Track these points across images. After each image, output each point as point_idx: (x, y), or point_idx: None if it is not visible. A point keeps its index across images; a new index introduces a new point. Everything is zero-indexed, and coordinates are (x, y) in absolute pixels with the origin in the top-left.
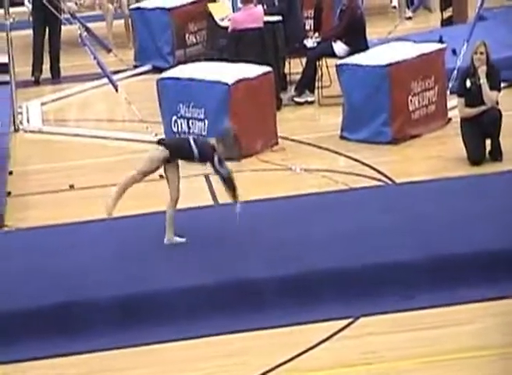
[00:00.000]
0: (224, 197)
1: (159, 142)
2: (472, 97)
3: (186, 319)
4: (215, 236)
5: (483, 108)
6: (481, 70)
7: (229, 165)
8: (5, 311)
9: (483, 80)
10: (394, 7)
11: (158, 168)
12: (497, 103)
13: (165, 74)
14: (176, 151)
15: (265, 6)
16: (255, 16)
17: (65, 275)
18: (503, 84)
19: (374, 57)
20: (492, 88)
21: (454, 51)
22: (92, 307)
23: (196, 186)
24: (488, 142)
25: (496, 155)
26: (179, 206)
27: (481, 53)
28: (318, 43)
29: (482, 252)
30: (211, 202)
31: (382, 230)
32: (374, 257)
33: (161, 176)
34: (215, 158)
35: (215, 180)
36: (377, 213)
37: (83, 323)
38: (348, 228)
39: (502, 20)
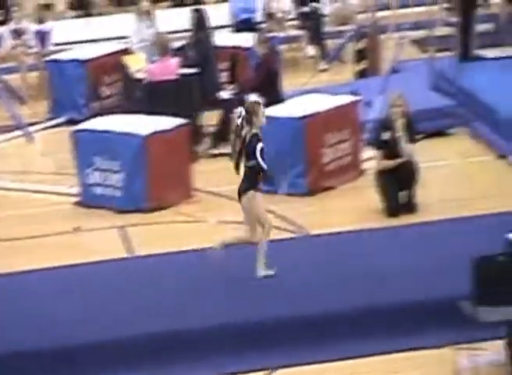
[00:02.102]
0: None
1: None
2: (389, 149)
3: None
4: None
5: (400, 160)
6: (399, 123)
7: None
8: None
9: (401, 133)
10: (311, 57)
11: None
12: (413, 155)
13: (79, 126)
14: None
15: (181, 58)
16: (171, 68)
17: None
18: (417, 136)
19: (289, 109)
20: (408, 141)
21: (369, 104)
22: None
23: (108, 237)
24: (402, 193)
25: (411, 206)
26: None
27: (399, 106)
28: (234, 95)
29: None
30: (124, 254)
31: (298, 283)
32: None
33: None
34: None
35: (131, 231)
36: (293, 265)
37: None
38: (265, 280)
39: (415, 73)
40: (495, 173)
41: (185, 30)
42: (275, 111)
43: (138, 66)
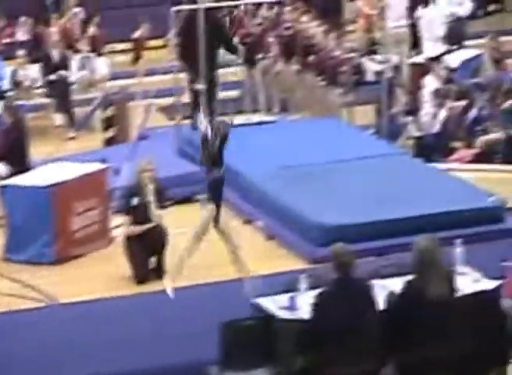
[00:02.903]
0: None
1: None
2: (138, 215)
3: None
4: None
5: (148, 226)
6: (149, 189)
7: None
8: None
9: (150, 198)
10: (58, 125)
11: None
12: (162, 221)
13: None
14: None
15: None
16: None
17: None
18: (166, 202)
19: (36, 178)
20: (158, 207)
21: (117, 171)
22: None
23: None
24: (152, 259)
25: (160, 272)
26: None
27: (148, 171)
28: None
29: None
30: None
31: (42, 352)
32: None
33: None
34: None
35: None
36: (42, 335)
37: None
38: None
39: (162, 139)
40: (242, 238)
41: None
42: (22, 180)
43: None
